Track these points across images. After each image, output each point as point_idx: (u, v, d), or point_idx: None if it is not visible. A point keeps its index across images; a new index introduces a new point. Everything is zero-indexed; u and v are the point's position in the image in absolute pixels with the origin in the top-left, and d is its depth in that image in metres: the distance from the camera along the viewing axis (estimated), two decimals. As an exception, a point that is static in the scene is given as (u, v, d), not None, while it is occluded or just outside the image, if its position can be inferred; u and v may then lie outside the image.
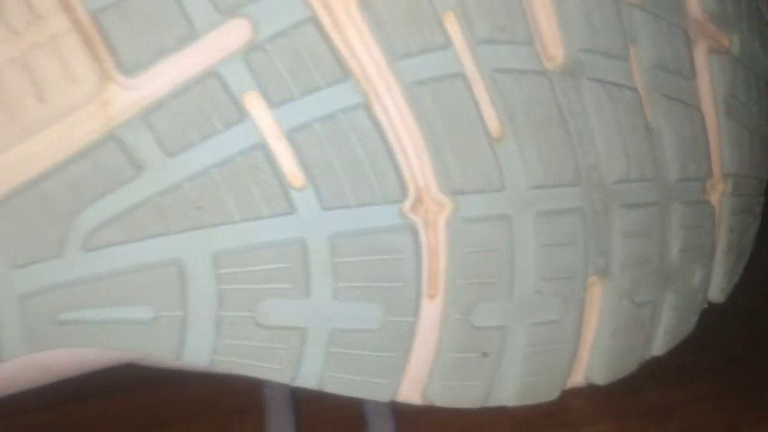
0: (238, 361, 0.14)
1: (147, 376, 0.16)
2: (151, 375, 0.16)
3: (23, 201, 0.13)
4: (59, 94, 0.13)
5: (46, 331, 0.14)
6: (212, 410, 0.16)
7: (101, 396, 0.16)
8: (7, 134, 0.13)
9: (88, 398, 0.16)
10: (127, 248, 0.13)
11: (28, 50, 0.13)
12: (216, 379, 0.15)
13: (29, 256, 0.13)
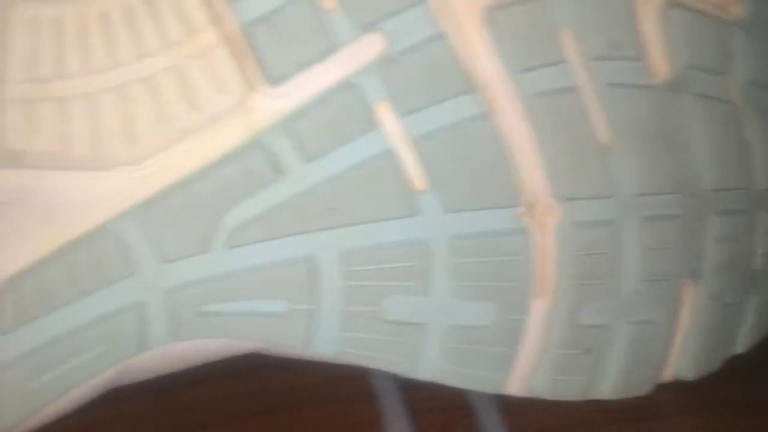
0: (362, 353, 0.15)
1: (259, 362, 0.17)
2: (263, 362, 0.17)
3: (175, 200, 0.14)
4: (209, 102, 0.14)
5: (190, 322, 0.15)
6: (322, 398, 0.17)
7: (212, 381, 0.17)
8: (161, 138, 0.14)
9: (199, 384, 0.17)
10: (266, 246, 0.15)
11: (182, 60, 0.14)
12: (324, 368, 0.16)
13: (178, 252, 0.14)
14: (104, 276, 0.14)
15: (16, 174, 0.14)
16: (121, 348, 0.14)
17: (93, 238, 0.14)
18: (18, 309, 0.14)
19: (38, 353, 0.14)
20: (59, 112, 0.14)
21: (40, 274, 0.14)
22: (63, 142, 0.14)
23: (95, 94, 0.14)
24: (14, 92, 0.13)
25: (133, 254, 0.14)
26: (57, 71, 0.14)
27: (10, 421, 0.14)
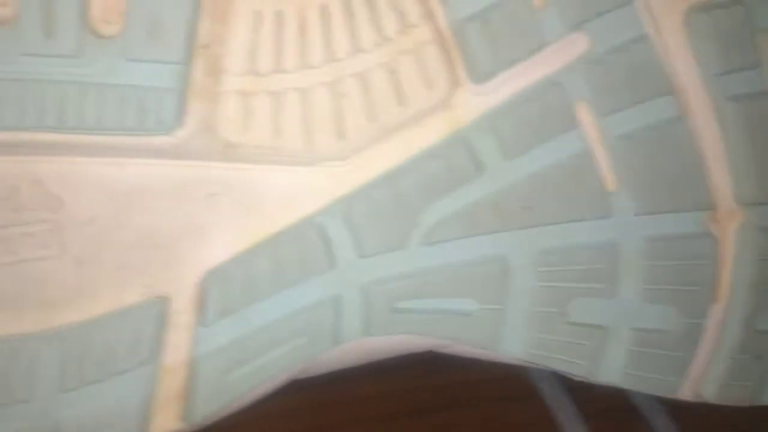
0: (545, 354, 0.17)
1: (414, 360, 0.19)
2: (418, 359, 0.19)
3: (378, 195, 0.16)
4: (416, 98, 0.16)
5: (382, 318, 0.17)
6: (480, 397, 0.20)
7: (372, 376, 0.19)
8: (369, 133, 0.16)
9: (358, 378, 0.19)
10: (461, 244, 0.17)
11: (395, 56, 0.16)
12: (481, 366, 0.19)
13: (377, 247, 0.16)
14: (306, 269, 0.16)
15: (227, 167, 0.16)
16: (316, 342, 0.16)
17: (297, 231, 0.16)
18: (221, 300, 0.16)
19: (237, 345, 0.16)
20: (274, 106, 0.16)
21: (245, 265, 0.16)
22: (276, 136, 0.16)
23: (310, 88, 0.16)
24: (233, 84, 0.15)
25: (334, 248, 0.16)
26: (275, 65, 0.15)
27: (204, 412, 0.16)
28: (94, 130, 0.15)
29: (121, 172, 0.16)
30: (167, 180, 0.16)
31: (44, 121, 0.15)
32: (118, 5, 0.15)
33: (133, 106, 0.15)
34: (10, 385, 0.16)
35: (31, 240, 0.16)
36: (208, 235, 0.16)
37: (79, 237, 0.16)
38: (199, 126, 0.15)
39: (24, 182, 0.16)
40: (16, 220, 0.16)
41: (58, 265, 0.16)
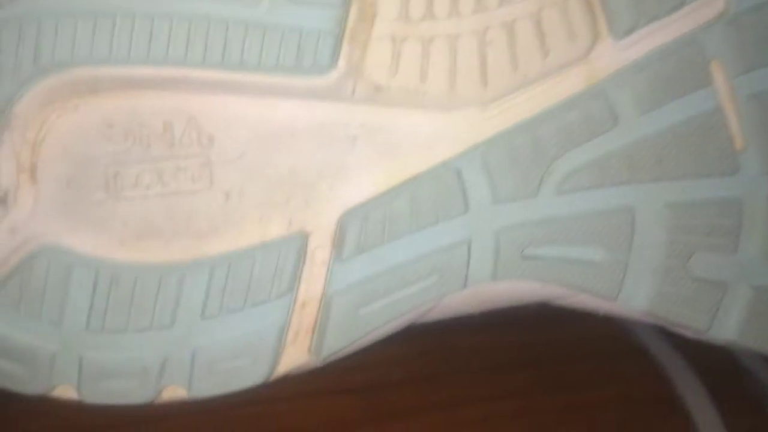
0: (665, 308, 0.21)
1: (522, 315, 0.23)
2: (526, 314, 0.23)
3: (516, 142, 0.20)
4: (558, 50, 0.20)
5: (511, 263, 0.20)
6: (587, 351, 0.23)
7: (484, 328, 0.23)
8: (511, 81, 0.20)
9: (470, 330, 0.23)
10: (592, 194, 0.20)
11: (541, 8, 0.19)
12: (587, 322, 0.22)
13: (512, 193, 0.20)
14: (442, 211, 0.20)
15: (371, 110, 0.19)
16: (446, 283, 0.20)
17: (435, 174, 0.20)
18: (359, 238, 0.20)
19: (371, 282, 0.20)
20: (422, 51, 0.19)
21: (383, 206, 0.20)
22: (421, 80, 0.19)
23: (458, 36, 0.19)
24: (384, 29, 0.19)
25: (469, 193, 0.20)
26: (426, 12, 0.19)
27: (334, 345, 0.20)
28: (253, 69, 0.19)
29: (271, 113, 0.19)
30: (313, 122, 0.20)
31: (208, 59, 0.18)
32: (284, -52, 0.18)
33: (292, 46, 0.19)
34: (154, 310, 0.20)
35: (183, 173, 0.19)
36: (349, 175, 0.20)
37: (227, 172, 0.20)
38: (349, 68, 0.19)
39: (179, 119, 0.19)
40: (170, 154, 0.19)
41: (206, 198, 0.20)
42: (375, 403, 0.23)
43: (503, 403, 0.22)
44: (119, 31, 0.18)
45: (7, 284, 0.19)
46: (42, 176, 0.19)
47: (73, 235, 0.19)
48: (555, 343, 0.24)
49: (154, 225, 0.20)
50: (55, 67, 0.18)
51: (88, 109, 0.19)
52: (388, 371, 0.23)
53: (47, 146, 0.19)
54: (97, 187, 0.19)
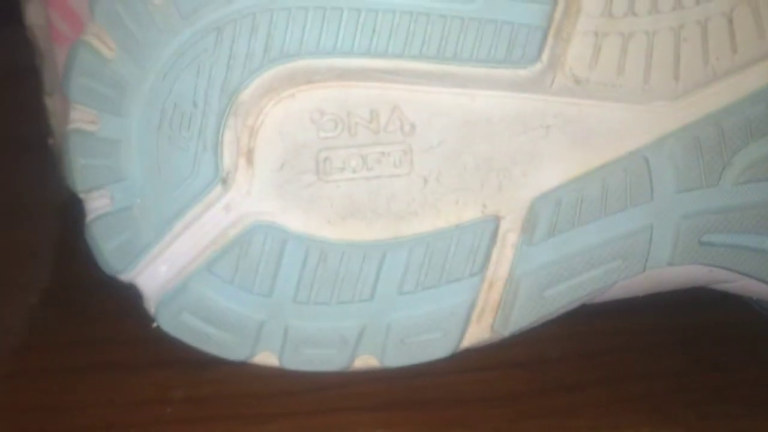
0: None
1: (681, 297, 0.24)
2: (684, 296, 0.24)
3: (702, 133, 0.22)
4: (748, 46, 0.21)
5: (688, 249, 0.22)
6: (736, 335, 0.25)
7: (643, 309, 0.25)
8: (702, 76, 0.21)
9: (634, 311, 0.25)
10: (761, 186, 0.22)
11: (734, 7, 0.21)
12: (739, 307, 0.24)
13: (694, 182, 0.22)
14: (629, 198, 0.22)
15: (565, 101, 0.21)
16: (628, 267, 0.22)
17: (624, 163, 0.21)
18: (549, 222, 0.21)
19: (559, 264, 0.22)
20: (622, 46, 0.21)
21: (574, 191, 0.21)
22: (618, 74, 0.21)
23: (656, 32, 0.21)
24: (588, 25, 0.20)
25: (655, 181, 0.22)
26: (628, 8, 0.20)
27: (518, 324, 0.22)
28: (466, 61, 0.20)
29: (470, 103, 0.21)
30: (509, 111, 0.21)
31: (425, 52, 0.20)
32: (501, -53, 0.20)
33: (504, 39, 0.20)
34: (356, 284, 0.22)
35: (387, 159, 0.21)
36: (541, 162, 0.21)
37: (426, 158, 0.21)
38: (551, 61, 0.21)
39: (384, 107, 0.21)
40: (375, 140, 0.21)
41: (407, 182, 0.21)
42: (540, 376, 0.24)
43: (660, 382, 0.24)
44: (346, 25, 0.20)
45: (224, 258, 0.21)
46: (258, 159, 0.21)
47: (286, 214, 0.21)
48: (702, 326, 0.26)
49: (358, 206, 0.21)
50: (282, 58, 0.20)
51: (303, 97, 0.21)
52: (547, 348, 0.25)
53: (264, 132, 0.21)
54: (308, 170, 0.21)
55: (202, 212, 0.21)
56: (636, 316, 0.26)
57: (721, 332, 0.26)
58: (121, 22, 0.20)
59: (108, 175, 0.21)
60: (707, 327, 0.26)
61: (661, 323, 0.26)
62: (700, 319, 0.26)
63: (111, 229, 0.21)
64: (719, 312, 0.26)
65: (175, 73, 0.20)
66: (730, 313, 0.26)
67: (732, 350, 0.25)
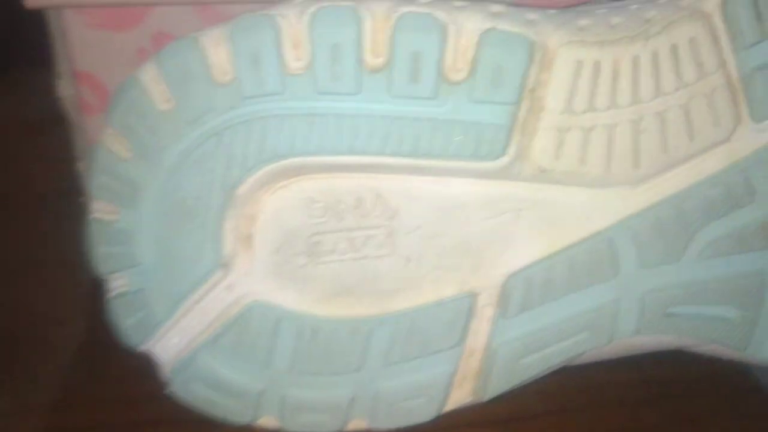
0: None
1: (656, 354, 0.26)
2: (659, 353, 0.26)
3: (663, 214, 0.24)
4: (704, 134, 0.23)
5: (654, 321, 0.24)
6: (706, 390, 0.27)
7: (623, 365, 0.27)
8: (661, 163, 0.23)
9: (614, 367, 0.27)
10: (730, 259, 0.24)
11: (690, 99, 0.23)
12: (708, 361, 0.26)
13: (657, 259, 0.24)
14: (594, 276, 0.24)
15: (535, 187, 0.23)
16: (595, 338, 0.24)
17: (590, 243, 0.24)
18: (521, 298, 0.24)
19: (532, 336, 0.24)
20: (583, 139, 0.23)
21: (543, 270, 0.24)
22: (581, 164, 0.23)
23: (615, 125, 0.23)
24: (550, 121, 0.23)
25: (620, 259, 0.24)
26: (588, 105, 0.23)
27: (496, 389, 0.25)
28: (438, 157, 0.23)
29: (446, 189, 0.24)
30: (482, 197, 0.24)
31: (402, 150, 0.23)
32: (467, 55, 0.22)
33: (472, 138, 0.23)
34: (346, 356, 0.24)
35: (372, 241, 0.24)
36: (513, 243, 0.24)
37: (407, 240, 0.24)
38: (518, 154, 0.23)
39: (368, 195, 0.24)
40: (361, 224, 0.24)
41: (390, 262, 0.24)
42: (520, 432, 0.27)
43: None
44: (330, 129, 0.22)
45: (227, 333, 0.24)
46: (256, 244, 0.24)
47: (281, 293, 0.24)
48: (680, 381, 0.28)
49: (347, 285, 0.24)
50: (275, 158, 0.23)
51: (295, 188, 0.24)
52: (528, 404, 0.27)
53: (261, 219, 0.24)
54: (301, 252, 0.24)
55: (206, 292, 0.24)
56: (613, 371, 0.28)
57: (697, 386, 0.28)
58: (134, 129, 0.23)
59: (124, 261, 0.24)
60: (683, 381, 0.28)
61: (638, 377, 0.28)
62: (676, 373, 0.28)
63: (128, 308, 0.25)
64: (694, 366, 0.28)
65: (181, 171, 0.23)
66: (705, 367, 0.28)
67: (707, 404, 0.27)
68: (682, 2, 0.23)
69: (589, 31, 0.23)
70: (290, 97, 0.22)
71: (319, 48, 0.22)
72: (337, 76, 0.22)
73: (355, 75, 0.22)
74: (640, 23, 0.23)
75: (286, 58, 0.22)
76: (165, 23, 0.31)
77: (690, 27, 0.23)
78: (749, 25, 0.23)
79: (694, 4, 0.23)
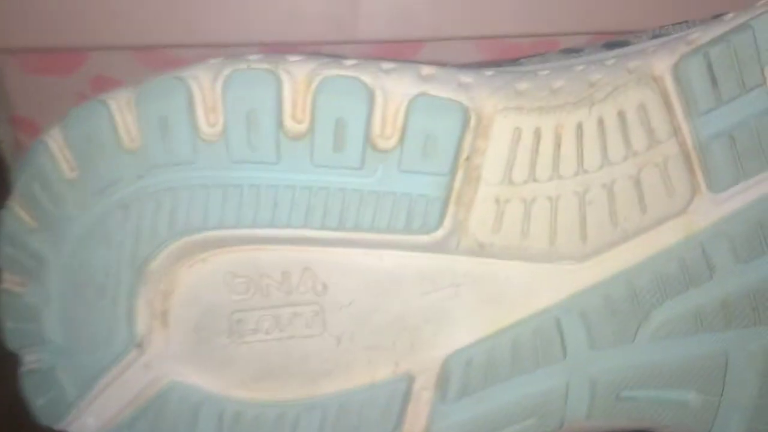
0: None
1: None
2: None
3: (613, 291, 0.22)
4: (657, 206, 0.21)
5: (606, 405, 0.23)
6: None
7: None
8: (610, 237, 0.21)
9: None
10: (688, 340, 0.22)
11: (640, 169, 0.21)
12: None
13: (608, 340, 0.22)
14: (541, 357, 0.22)
15: (474, 261, 0.21)
16: (544, 424, 0.22)
17: (535, 322, 0.22)
18: (461, 381, 0.22)
19: (474, 421, 0.22)
20: (524, 211, 0.21)
21: (485, 351, 0.22)
22: (523, 238, 0.21)
23: (559, 197, 0.21)
24: (488, 192, 0.21)
25: (567, 340, 0.22)
26: (529, 175, 0.21)
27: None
28: (367, 230, 0.21)
29: (379, 262, 0.22)
30: (418, 271, 0.22)
31: (326, 223, 0.21)
32: (396, 122, 0.20)
33: (403, 211, 0.21)
34: (275, 444, 0.22)
35: (299, 319, 0.22)
36: (453, 321, 0.22)
37: (339, 318, 0.22)
38: (454, 227, 0.21)
39: (295, 269, 0.22)
40: (287, 301, 0.22)
41: (320, 343, 0.22)
42: None
43: None
44: (246, 201, 0.21)
45: (144, 416, 0.22)
46: (173, 321, 0.22)
47: (200, 374, 0.22)
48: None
49: (272, 367, 0.22)
50: (189, 231, 0.21)
51: (215, 261, 0.22)
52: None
53: (178, 294, 0.22)
54: (222, 331, 0.22)
55: (121, 372, 0.22)
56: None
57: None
58: (38, 198, 0.21)
59: (33, 337, 0.22)
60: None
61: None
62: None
63: (39, 386, 0.23)
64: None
65: (89, 245, 0.21)
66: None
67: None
68: (630, 64, 0.21)
69: (528, 96, 0.21)
70: (202, 166, 0.21)
71: (233, 113, 0.20)
72: (253, 144, 0.21)
73: (274, 142, 0.21)
74: (584, 87, 0.21)
75: (198, 124, 0.21)
76: (104, 67, 0.30)
77: (638, 92, 0.21)
78: (703, 90, 0.21)
79: (643, 67, 0.21)
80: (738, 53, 0.21)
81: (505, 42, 0.30)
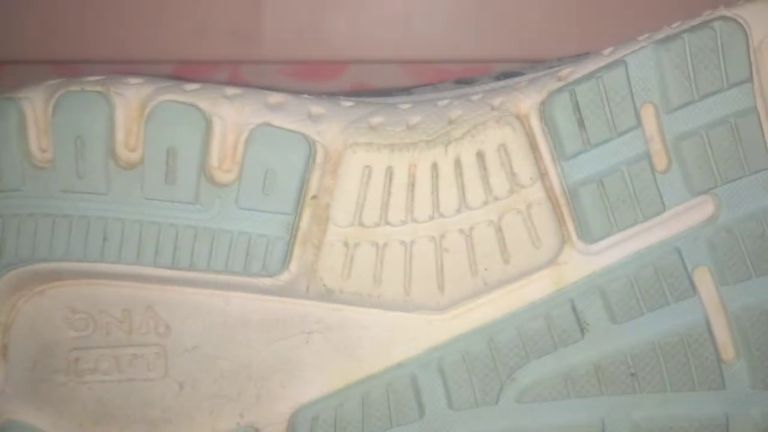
0: None
1: None
2: None
3: (473, 347, 0.20)
4: (522, 256, 0.20)
5: (470, 471, 0.20)
6: None
7: None
8: (469, 288, 0.20)
9: None
10: (558, 405, 0.20)
11: (502, 215, 0.19)
12: None
13: (468, 400, 0.20)
14: (394, 416, 0.20)
15: (326, 307, 0.20)
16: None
17: (389, 377, 0.20)
18: (309, 437, 0.20)
19: (321, 482, 0.20)
20: (377, 256, 0.20)
21: (334, 406, 0.20)
22: (376, 284, 0.20)
23: (413, 241, 0.20)
24: (338, 234, 0.20)
25: (424, 398, 0.20)
26: (381, 218, 0.20)
27: None
28: (203, 270, 0.20)
29: (225, 304, 0.20)
30: (267, 315, 0.20)
31: (159, 261, 0.20)
32: (236, 154, 0.19)
33: (241, 251, 0.20)
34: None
35: (140, 361, 0.21)
36: (301, 371, 0.21)
37: (181, 362, 0.21)
38: (302, 270, 0.20)
39: (137, 307, 0.21)
40: (128, 341, 0.21)
41: (161, 387, 0.21)
42: None
43: None
44: (75, 232, 0.20)
45: (-27, 458, 0.21)
46: (12, 356, 0.21)
47: (38, 414, 0.21)
48: None
49: (111, 410, 0.21)
50: (18, 263, 0.20)
51: (53, 294, 0.21)
52: None
53: (17, 328, 0.21)
54: (60, 369, 0.21)
55: (-44, 408, 0.21)
56: None
57: None
58: None
59: None
60: None
61: None
62: None
63: None
64: None
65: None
66: None
67: None
68: (496, 101, 0.20)
69: (380, 131, 0.20)
70: (30, 194, 0.20)
71: (62, 138, 0.19)
72: (81, 172, 0.19)
73: (104, 172, 0.19)
74: (442, 124, 0.20)
75: (30, 148, 0.20)
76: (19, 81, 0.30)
77: (498, 131, 0.19)
78: (570, 131, 0.19)
79: (507, 104, 0.19)
80: (608, 92, 0.19)
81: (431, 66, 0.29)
